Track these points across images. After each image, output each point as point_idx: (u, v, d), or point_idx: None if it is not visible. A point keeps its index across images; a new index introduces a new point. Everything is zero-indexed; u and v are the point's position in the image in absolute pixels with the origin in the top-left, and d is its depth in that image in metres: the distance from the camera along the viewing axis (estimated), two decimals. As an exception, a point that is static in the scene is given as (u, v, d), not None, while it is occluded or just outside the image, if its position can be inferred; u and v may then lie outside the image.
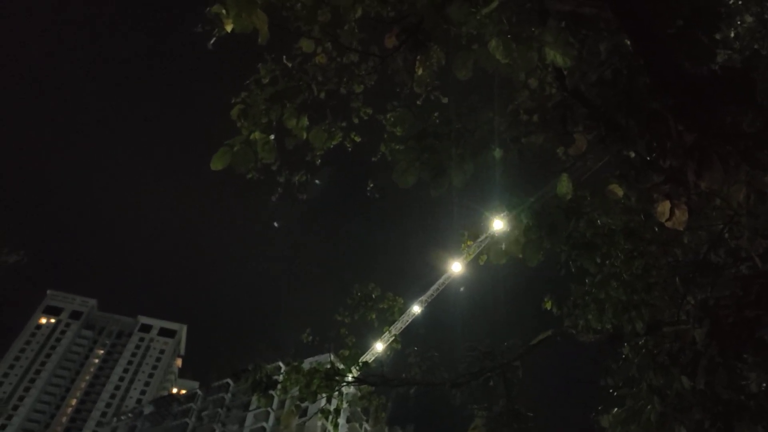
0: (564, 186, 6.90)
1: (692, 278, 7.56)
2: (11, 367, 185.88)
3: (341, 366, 11.22)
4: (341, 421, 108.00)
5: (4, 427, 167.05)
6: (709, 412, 7.38)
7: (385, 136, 9.55)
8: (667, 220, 5.37)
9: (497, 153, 7.64)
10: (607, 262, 9.79)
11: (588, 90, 8.22)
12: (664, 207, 5.49)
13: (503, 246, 8.27)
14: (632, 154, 7.42)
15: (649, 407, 7.40)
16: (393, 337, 13.03)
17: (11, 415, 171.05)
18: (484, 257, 8.49)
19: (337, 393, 10.97)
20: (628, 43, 7.50)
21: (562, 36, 5.84)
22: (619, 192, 7.21)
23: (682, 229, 5.39)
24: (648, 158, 6.96)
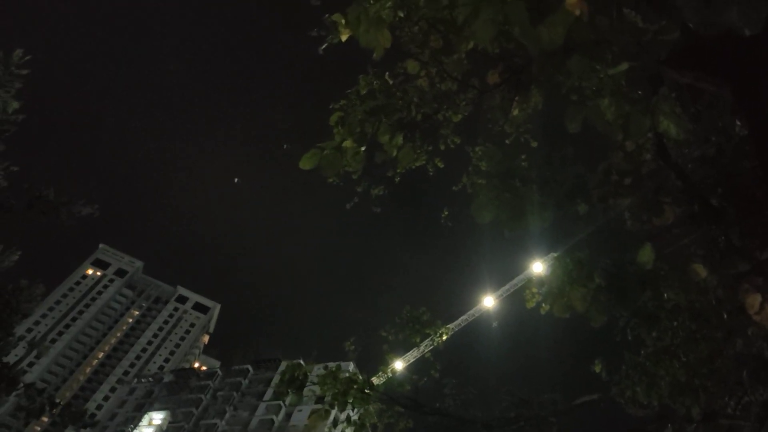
0: (646, 255, 6.81)
1: (759, 375, 7.32)
2: (51, 309, 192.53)
3: (375, 380, 11.28)
4: (348, 431, 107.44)
5: (31, 365, 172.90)
6: None
7: (470, 168, 9.60)
8: (756, 314, 5.25)
9: (582, 208, 7.60)
10: (664, 336, 9.56)
11: (684, 163, 8.11)
12: (754, 300, 5.37)
13: (567, 300, 8.20)
14: (721, 237, 7.28)
15: (688, 496, 7.19)
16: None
17: (40, 355, 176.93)
18: (546, 307, 8.42)
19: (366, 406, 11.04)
20: (738, 124, 7.39)
21: (678, 107, 5.81)
22: (703, 273, 7.05)
23: (770, 326, 5.25)
24: (738, 245, 6.82)
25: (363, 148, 8.30)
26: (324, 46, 8.69)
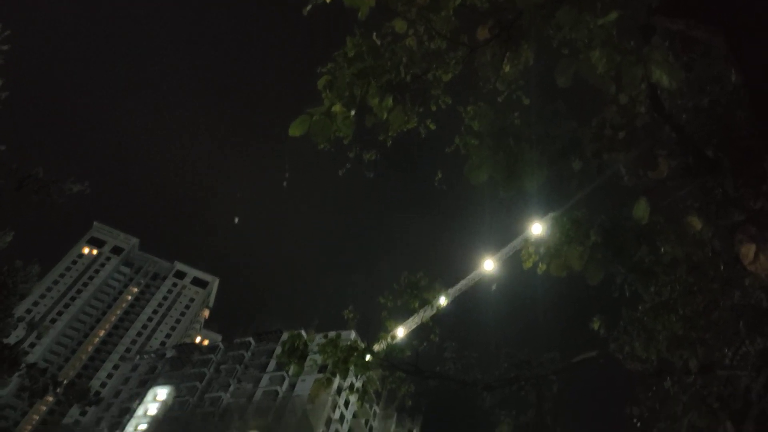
0: (641, 209, 6.75)
1: (756, 325, 7.32)
2: (49, 289, 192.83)
3: (375, 347, 11.30)
4: (352, 398, 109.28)
5: (33, 346, 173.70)
6: (749, 462, 7.17)
7: (462, 128, 9.44)
8: (750, 263, 5.20)
9: (576, 165, 7.50)
10: (661, 287, 9.56)
11: (679, 115, 7.98)
12: (748, 249, 5.31)
13: (564, 259, 8.15)
14: (716, 189, 7.21)
15: (687, 446, 7.26)
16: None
17: (41, 335, 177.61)
18: (543, 267, 8.38)
19: (368, 373, 11.09)
20: (734, 73, 7.25)
21: (670, 57, 5.67)
22: (698, 225, 6.99)
23: (766, 275, 5.20)
24: (733, 196, 6.74)
25: (353, 112, 8.15)
26: (309, 8, 8.47)
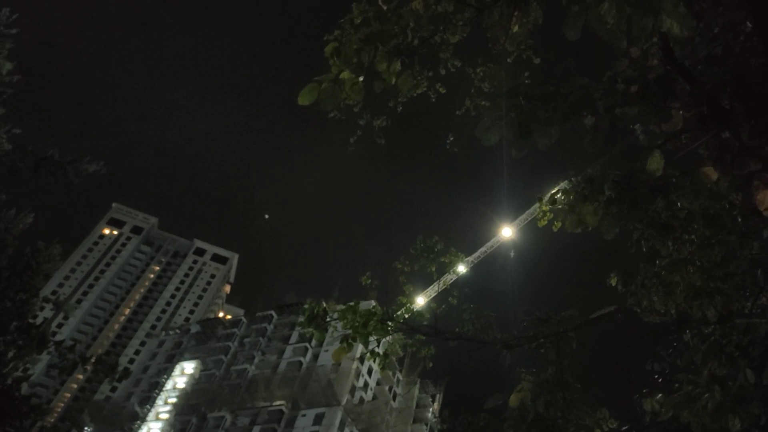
0: (655, 162, 6.71)
1: (774, 273, 7.31)
2: (72, 270, 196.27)
3: (394, 313, 11.44)
4: (375, 366, 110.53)
5: (60, 326, 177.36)
6: (769, 409, 7.25)
7: (472, 90, 9.40)
8: (766, 209, 5.19)
9: (588, 121, 7.46)
10: (680, 245, 9.55)
11: (693, 66, 7.87)
12: (764, 195, 5.30)
13: (578, 215, 8.15)
14: (731, 139, 7.13)
15: (706, 395, 7.32)
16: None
17: (68, 316, 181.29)
18: (558, 224, 8.39)
19: (388, 338, 11.24)
20: (748, 23, 7.12)
21: (681, 5, 5.58)
22: (713, 175, 6.95)
23: (782, 220, 5.19)
24: (748, 145, 6.68)
25: (361, 78, 8.14)
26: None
